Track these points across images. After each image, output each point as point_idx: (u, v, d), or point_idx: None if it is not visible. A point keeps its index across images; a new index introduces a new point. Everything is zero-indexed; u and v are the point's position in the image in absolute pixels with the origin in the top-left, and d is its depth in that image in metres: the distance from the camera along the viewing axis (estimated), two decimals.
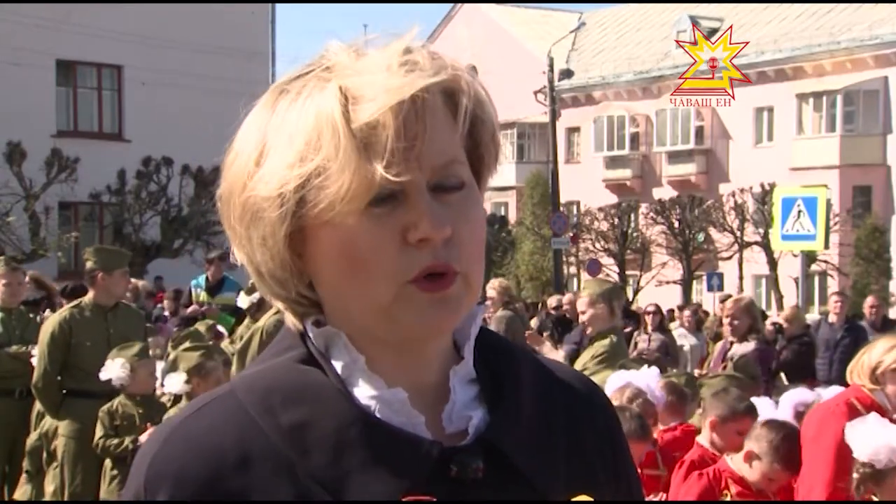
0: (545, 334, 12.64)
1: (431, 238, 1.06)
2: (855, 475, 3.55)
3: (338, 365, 1.12)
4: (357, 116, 1.04)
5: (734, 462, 4.24)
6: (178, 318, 12.70)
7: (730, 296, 20.28)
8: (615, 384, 5.04)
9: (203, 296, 11.28)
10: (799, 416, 4.58)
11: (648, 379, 5.21)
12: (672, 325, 14.18)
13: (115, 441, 6.00)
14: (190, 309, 11.73)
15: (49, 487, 6.66)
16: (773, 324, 12.68)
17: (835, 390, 4.81)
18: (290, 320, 1.16)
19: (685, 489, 4.30)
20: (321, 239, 1.08)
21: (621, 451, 1.27)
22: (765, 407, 5.00)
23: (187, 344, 6.47)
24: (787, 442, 4.10)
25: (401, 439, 1.08)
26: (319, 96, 1.06)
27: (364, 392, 1.11)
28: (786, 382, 9.95)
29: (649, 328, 12.39)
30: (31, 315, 7.81)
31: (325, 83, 1.07)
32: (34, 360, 6.95)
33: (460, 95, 1.09)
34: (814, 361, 11.32)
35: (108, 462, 6.14)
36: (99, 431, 6.11)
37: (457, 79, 1.10)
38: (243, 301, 8.59)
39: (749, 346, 7.71)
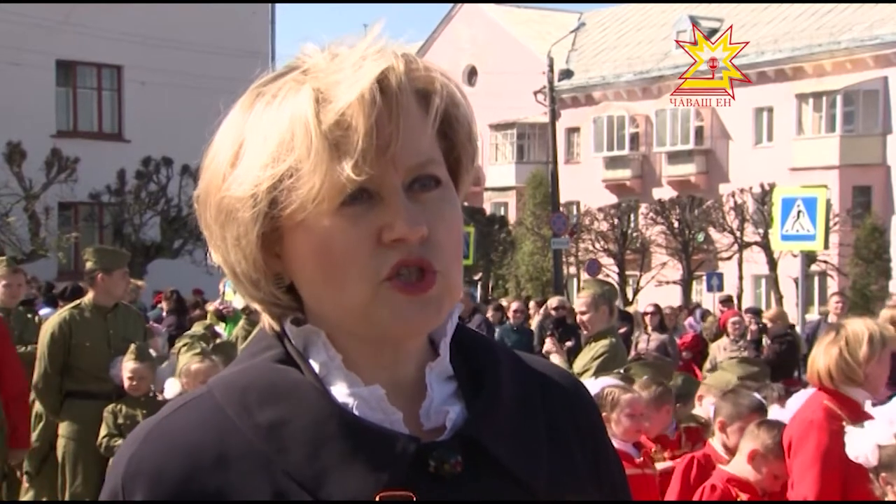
0: (546, 336, 12.63)
1: (406, 238, 1.06)
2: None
3: (315, 363, 1.12)
4: (327, 117, 1.04)
5: (734, 468, 4.22)
6: (176, 318, 12.84)
7: (730, 296, 20.38)
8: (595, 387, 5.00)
9: (229, 295, 11.48)
10: None
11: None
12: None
13: (120, 443, 6.01)
14: (212, 307, 12.02)
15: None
16: (758, 323, 12.75)
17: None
18: (267, 321, 1.17)
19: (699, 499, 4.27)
20: (296, 240, 1.09)
21: (605, 447, 1.26)
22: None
23: (188, 347, 6.48)
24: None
25: (378, 435, 1.08)
26: (294, 98, 1.07)
27: (341, 390, 1.11)
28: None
29: (649, 328, 12.38)
30: (28, 315, 7.80)
31: (300, 85, 1.08)
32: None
33: (433, 95, 1.09)
34: (796, 360, 11.37)
35: (111, 462, 6.15)
36: (103, 430, 6.13)
37: (430, 79, 1.10)
38: (239, 301, 8.61)
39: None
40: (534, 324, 14.09)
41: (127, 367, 6.24)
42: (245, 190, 1.08)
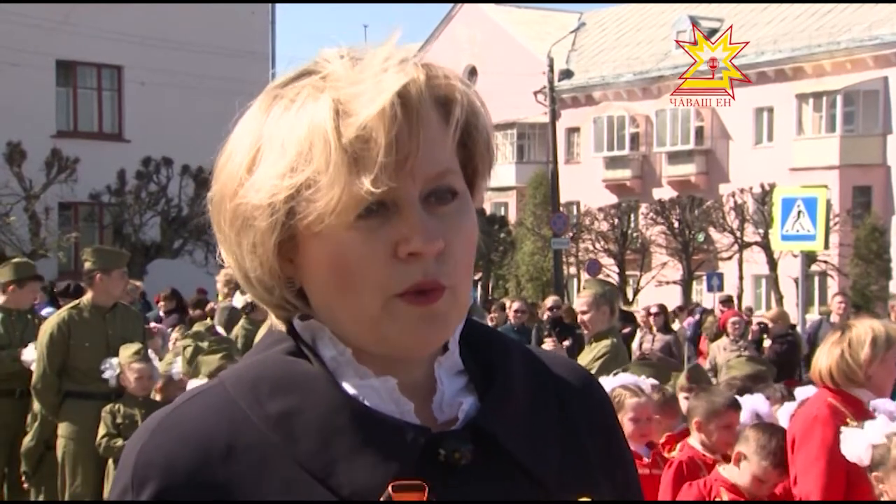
0: (544, 336, 12.64)
1: (423, 253, 1.05)
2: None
3: (325, 356, 1.12)
4: (348, 130, 1.04)
5: (726, 471, 4.23)
6: (175, 318, 12.83)
7: (730, 296, 20.38)
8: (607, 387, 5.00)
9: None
10: None
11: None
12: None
13: (119, 443, 6.01)
14: (209, 307, 11.99)
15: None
16: (759, 323, 12.74)
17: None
18: (275, 321, 1.17)
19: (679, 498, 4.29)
20: (312, 249, 1.09)
21: (619, 441, 1.26)
22: (758, 403, 5.00)
23: (195, 350, 6.48)
24: (776, 441, 4.10)
25: (389, 426, 1.08)
26: (313, 107, 1.06)
27: (352, 381, 1.11)
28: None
29: (654, 329, 12.39)
30: (28, 316, 7.81)
31: (320, 93, 1.07)
32: (23, 359, 7.00)
33: (453, 106, 1.08)
34: (797, 360, 11.38)
35: (110, 463, 6.15)
36: (102, 431, 6.12)
37: (451, 88, 1.09)
38: (238, 301, 8.61)
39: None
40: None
41: (134, 367, 6.25)
42: (262, 198, 1.07)
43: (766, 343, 12.00)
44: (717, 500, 4.16)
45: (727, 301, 18.69)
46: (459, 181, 1.10)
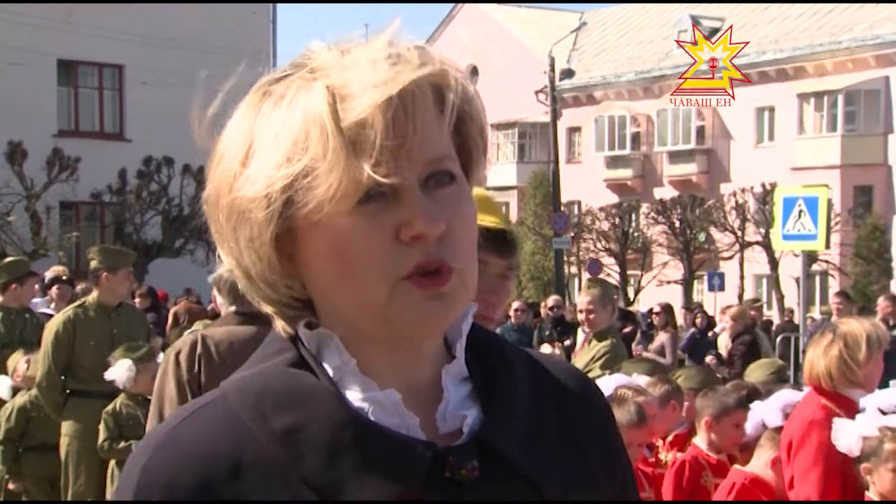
0: (545, 335, 12.67)
1: (425, 235, 1.04)
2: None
3: (329, 367, 1.11)
4: (345, 115, 1.03)
5: (756, 469, 4.22)
6: (153, 317, 12.90)
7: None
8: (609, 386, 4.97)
9: None
10: (787, 417, 4.56)
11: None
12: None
13: (123, 444, 6.00)
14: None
15: None
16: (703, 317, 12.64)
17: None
18: (280, 325, 1.15)
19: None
20: (312, 240, 1.07)
21: (617, 444, 1.26)
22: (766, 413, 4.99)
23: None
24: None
25: (394, 442, 1.06)
26: (306, 96, 1.05)
27: (357, 394, 1.09)
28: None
29: (658, 329, 12.40)
30: (27, 315, 7.83)
31: (311, 83, 1.06)
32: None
33: (447, 91, 1.08)
34: (757, 358, 11.29)
35: (113, 464, 6.14)
36: (103, 433, 6.10)
37: (444, 74, 1.09)
38: None
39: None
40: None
41: (149, 368, 6.23)
42: (258, 190, 1.06)
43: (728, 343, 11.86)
44: (733, 501, 4.15)
45: (755, 306, 18.10)
46: (456, 166, 1.10)
